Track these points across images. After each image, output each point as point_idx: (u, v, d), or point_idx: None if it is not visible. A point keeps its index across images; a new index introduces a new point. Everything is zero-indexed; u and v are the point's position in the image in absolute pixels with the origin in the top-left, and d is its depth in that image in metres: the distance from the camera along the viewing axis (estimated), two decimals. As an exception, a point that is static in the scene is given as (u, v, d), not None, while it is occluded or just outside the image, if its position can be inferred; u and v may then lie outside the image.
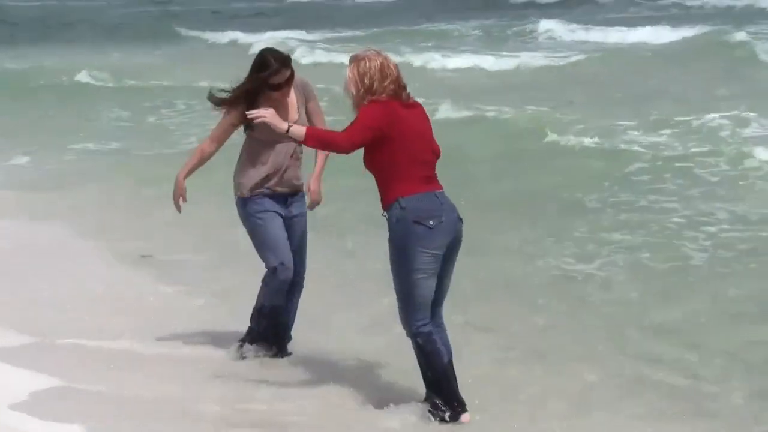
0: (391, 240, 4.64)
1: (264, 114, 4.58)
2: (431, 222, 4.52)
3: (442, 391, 4.78)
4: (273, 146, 5.21)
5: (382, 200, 4.66)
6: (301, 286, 5.47)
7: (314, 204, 5.51)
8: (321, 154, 5.42)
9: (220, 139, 5.30)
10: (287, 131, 4.64)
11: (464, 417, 4.74)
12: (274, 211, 5.26)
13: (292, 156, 5.29)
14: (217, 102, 5.25)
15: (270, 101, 5.11)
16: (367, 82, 4.62)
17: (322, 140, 4.76)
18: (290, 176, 5.32)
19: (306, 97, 5.38)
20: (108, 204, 9.88)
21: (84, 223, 9.11)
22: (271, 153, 5.22)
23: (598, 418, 4.87)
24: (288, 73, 5.19)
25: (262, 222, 5.26)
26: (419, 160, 4.62)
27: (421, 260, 4.53)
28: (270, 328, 5.43)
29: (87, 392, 5.03)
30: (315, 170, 5.42)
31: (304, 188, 5.44)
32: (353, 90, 4.66)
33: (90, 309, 6.49)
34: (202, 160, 5.35)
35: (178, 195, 5.31)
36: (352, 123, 4.63)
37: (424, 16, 32.93)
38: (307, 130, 4.74)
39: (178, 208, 5.37)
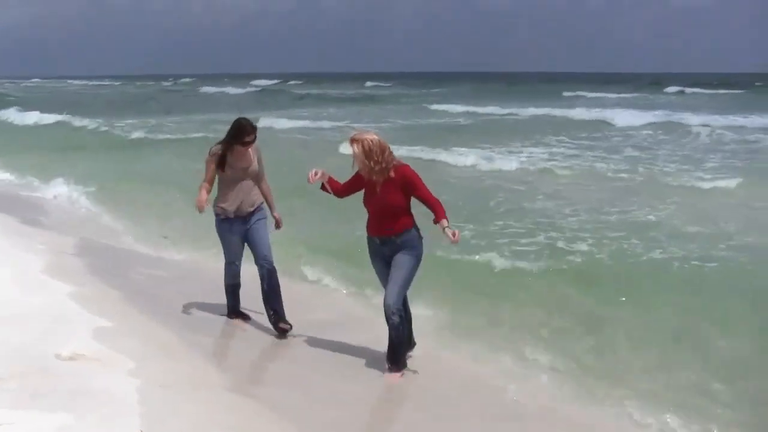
0: (417, 248, 6.37)
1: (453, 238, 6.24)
2: None
3: (401, 354, 6.50)
4: (237, 182, 7.34)
5: (397, 227, 6.32)
6: (273, 274, 7.41)
7: (278, 225, 7.65)
8: (270, 196, 7.53)
9: (211, 181, 7.37)
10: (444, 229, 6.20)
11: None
12: (233, 228, 7.37)
13: (249, 188, 7.38)
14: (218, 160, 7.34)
15: (237, 153, 7.28)
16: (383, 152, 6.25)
17: (444, 210, 6.25)
18: (249, 201, 7.39)
19: (258, 157, 7.49)
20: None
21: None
22: (235, 187, 7.34)
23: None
24: (254, 135, 7.33)
25: (225, 235, 7.46)
26: None
27: None
28: (232, 300, 7.72)
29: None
30: (271, 206, 7.57)
31: (272, 215, 7.59)
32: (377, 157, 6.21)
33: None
34: (204, 200, 7.26)
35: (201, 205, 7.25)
36: (423, 185, 6.31)
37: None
38: (443, 215, 6.20)
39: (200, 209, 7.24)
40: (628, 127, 28.47)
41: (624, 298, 8.19)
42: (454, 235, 6.13)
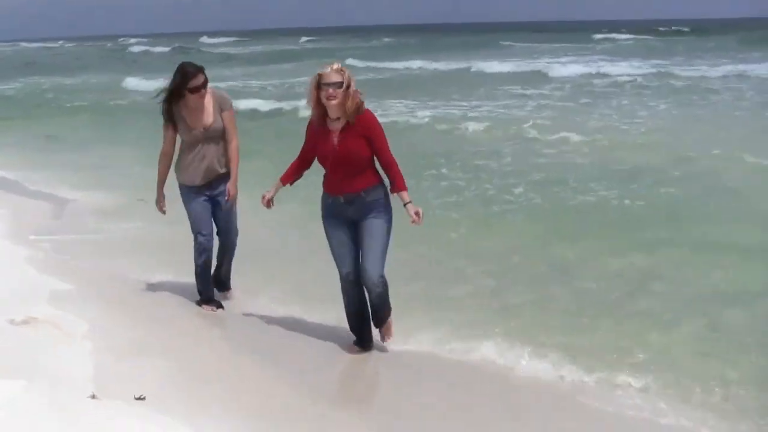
0: (387, 208, 5.55)
1: None
2: None
3: (387, 318, 5.83)
4: (196, 145, 6.31)
5: (362, 182, 5.45)
6: (233, 245, 6.72)
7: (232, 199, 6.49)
8: (234, 161, 6.42)
9: (169, 151, 6.44)
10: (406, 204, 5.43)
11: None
12: (199, 195, 6.42)
13: (214, 151, 6.35)
14: (165, 117, 6.38)
15: (188, 107, 6.25)
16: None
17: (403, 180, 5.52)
18: (214, 167, 6.37)
19: (221, 107, 6.36)
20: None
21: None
22: (194, 150, 6.32)
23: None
24: (202, 77, 6.20)
25: (187, 203, 6.47)
26: None
27: None
28: (203, 286, 6.65)
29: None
30: (232, 178, 6.43)
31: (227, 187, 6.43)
32: (357, 95, 5.35)
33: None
34: (166, 172, 6.49)
35: (159, 202, 6.56)
36: (385, 139, 5.45)
37: None
38: (402, 185, 5.48)
39: (162, 211, 6.60)
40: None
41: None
42: (417, 214, 5.37)
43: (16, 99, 29.10)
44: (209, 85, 6.35)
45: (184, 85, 6.18)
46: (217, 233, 6.65)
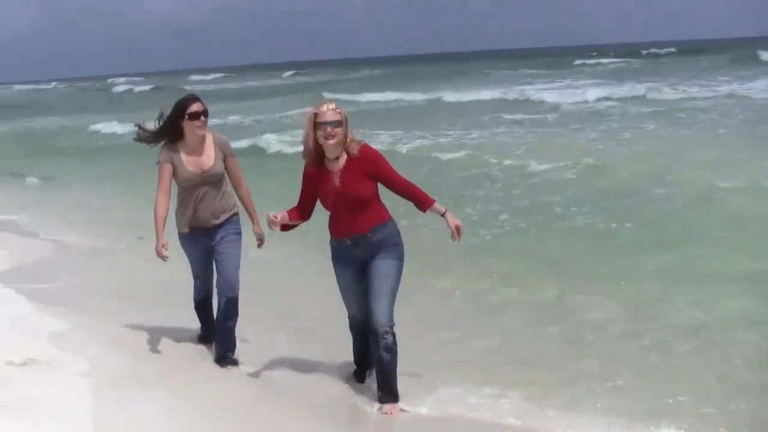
0: (398, 246, 5.31)
1: None
2: None
3: (395, 379, 5.33)
4: (195, 190, 5.90)
5: (368, 221, 5.21)
6: (233, 303, 6.01)
7: (261, 242, 6.17)
8: (250, 205, 6.13)
9: (165, 192, 5.90)
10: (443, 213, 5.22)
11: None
12: (198, 244, 6.07)
13: (213, 197, 5.94)
14: (146, 138, 6.06)
15: (186, 146, 5.86)
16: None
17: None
18: (213, 212, 5.97)
19: (224, 152, 5.98)
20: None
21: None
22: (193, 196, 5.92)
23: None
24: (201, 105, 5.84)
25: (188, 254, 6.21)
26: None
27: None
28: (204, 328, 6.49)
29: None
30: (252, 217, 6.15)
31: (253, 230, 6.12)
32: (347, 129, 5.16)
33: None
34: (164, 215, 5.91)
35: (160, 252, 5.87)
36: (388, 165, 5.24)
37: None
38: (430, 198, 5.29)
39: (162, 257, 5.88)
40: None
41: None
42: (457, 229, 5.15)
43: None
44: (209, 125, 6.00)
45: (183, 112, 5.81)
46: (217, 284, 6.08)
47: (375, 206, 5.24)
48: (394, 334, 5.22)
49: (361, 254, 5.25)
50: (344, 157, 5.16)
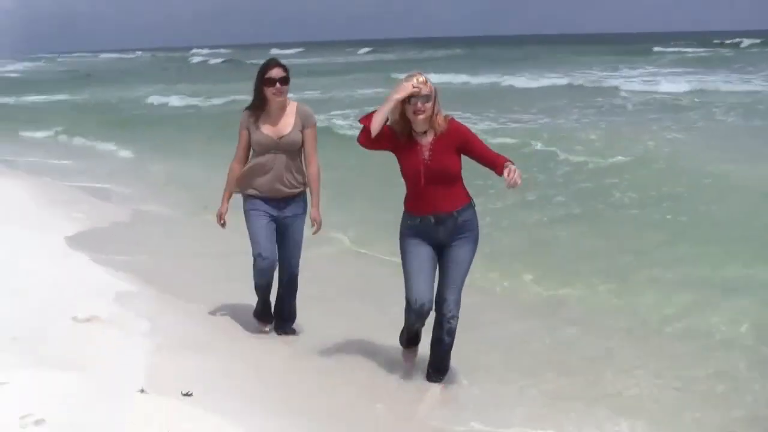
0: (476, 231, 5.16)
1: None
2: None
3: (447, 360, 5.39)
4: (264, 154, 5.75)
5: (455, 201, 5.04)
6: (293, 280, 6.09)
7: (317, 228, 5.97)
8: (315, 185, 5.87)
9: (243, 157, 5.88)
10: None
11: None
12: (262, 211, 5.82)
13: (283, 165, 5.77)
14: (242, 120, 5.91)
15: (270, 112, 5.75)
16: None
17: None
18: (284, 182, 5.80)
19: (304, 124, 5.79)
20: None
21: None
22: (263, 161, 5.77)
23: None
24: (281, 72, 5.68)
25: (251, 218, 5.84)
26: None
27: None
28: (261, 304, 6.20)
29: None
30: (313, 199, 5.92)
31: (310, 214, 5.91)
32: (436, 104, 4.96)
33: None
34: (234, 183, 5.93)
35: (220, 216, 5.99)
36: (479, 140, 5.02)
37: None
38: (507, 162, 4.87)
39: (221, 223, 6.01)
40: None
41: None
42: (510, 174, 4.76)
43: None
44: (293, 97, 5.91)
45: (262, 77, 5.70)
46: (279, 261, 5.98)
47: (460, 185, 5.10)
48: (457, 319, 5.20)
49: (443, 235, 5.06)
50: (431, 131, 5.00)
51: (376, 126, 4.89)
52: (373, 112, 4.95)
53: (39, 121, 24.71)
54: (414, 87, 4.87)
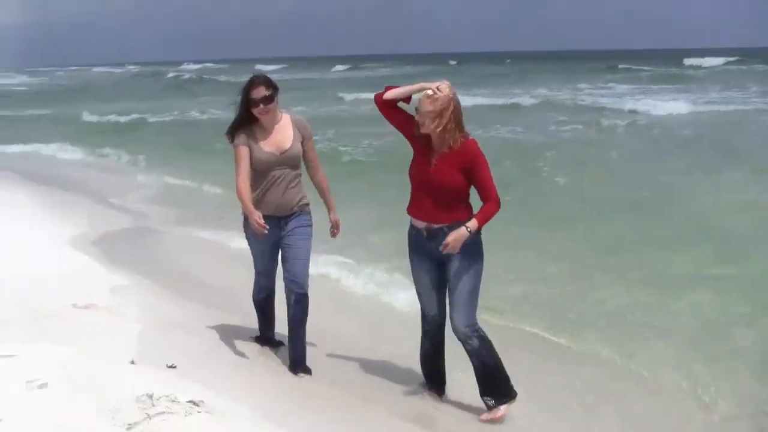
0: (476, 246, 5.01)
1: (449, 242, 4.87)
2: None
3: (500, 382, 5.17)
4: (268, 172, 5.51)
5: (448, 216, 4.97)
6: (301, 301, 5.63)
7: (336, 231, 5.87)
8: (326, 191, 5.80)
9: (245, 172, 5.47)
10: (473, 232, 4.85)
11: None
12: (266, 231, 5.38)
13: (288, 181, 5.57)
14: (228, 138, 5.60)
15: (264, 127, 5.52)
16: (459, 116, 4.89)
17: (488, 218, 4.94)
18: (286, 201, 5.58)
19: (303, 135, 5.62)
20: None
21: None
22: (266, 179, 5.53)
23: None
24: (264, 90, 5.40)
25: (254, 243, 5.73)
26: None
27: None
28: (260, 321, 6.18)
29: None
30: (328, 204, 5.85)
31: (329, 217, 5.83)
32: (448, 121, 4.85)
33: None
34: (247, 190, 5.48)
35: (255, 224, 5.38)
36: (489, 178, 4.88)
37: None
38: (479, 220, 4.90)
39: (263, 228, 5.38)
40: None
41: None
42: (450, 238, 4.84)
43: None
44: (283, 110, 5.68)
45: (247, 96, 5.46)
46: (285, 280, 5.67)
47: (462, 203, 5.00)
48: (480, 336, 5.06)
49: (436, 249, 4.97)
50: (445, 144, 4.93)
51: (390, 95, 4.99)
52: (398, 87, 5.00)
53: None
54: (429, 90, 4.87)
